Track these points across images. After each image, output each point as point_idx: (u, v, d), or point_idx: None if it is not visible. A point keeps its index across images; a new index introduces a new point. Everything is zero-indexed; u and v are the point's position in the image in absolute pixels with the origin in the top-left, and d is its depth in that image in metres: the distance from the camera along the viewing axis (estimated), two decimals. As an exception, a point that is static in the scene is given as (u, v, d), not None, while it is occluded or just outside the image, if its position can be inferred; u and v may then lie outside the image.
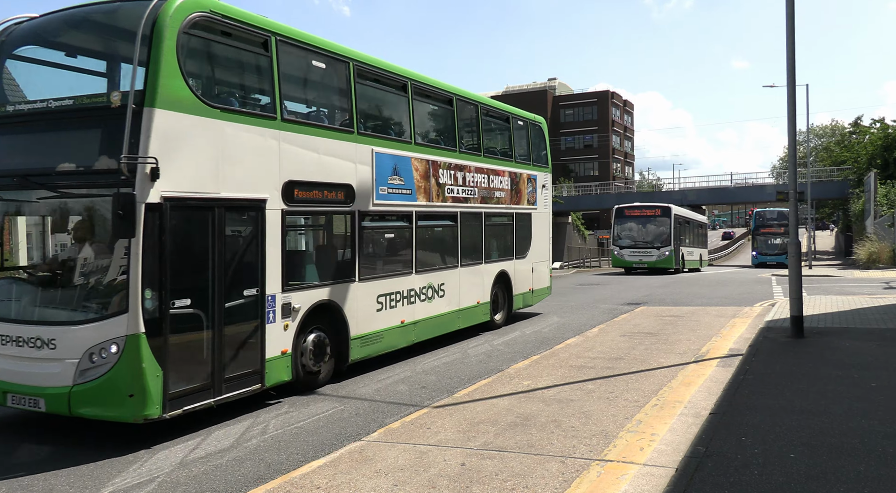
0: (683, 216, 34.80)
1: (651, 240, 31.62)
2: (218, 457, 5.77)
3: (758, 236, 44.39)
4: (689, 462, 4.96)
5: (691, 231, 37.05)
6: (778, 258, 41.04)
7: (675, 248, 31.48)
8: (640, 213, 32.64)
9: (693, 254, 36.48)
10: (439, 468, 5.27)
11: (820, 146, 78.99)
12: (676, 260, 31.71)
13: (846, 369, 7.92)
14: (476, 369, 9.10)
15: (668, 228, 31.41)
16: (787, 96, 10.60)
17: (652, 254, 31.37)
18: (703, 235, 40.79)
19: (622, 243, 32.90)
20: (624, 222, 33.15)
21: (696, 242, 38.00)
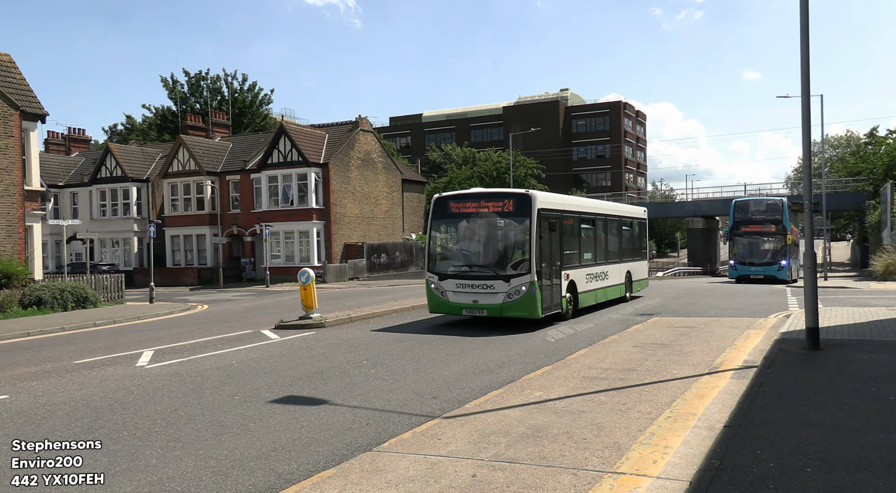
0: (558, 209, 15.45)
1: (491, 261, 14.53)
2: (228, 465, 5.76)
3: (737, 238, 32.52)
4: (704, 476, 4.89)
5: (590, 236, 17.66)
6: (767, 270, 31.25)
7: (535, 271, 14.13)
8: (476, 208, 14.60)
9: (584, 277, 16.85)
10: (450, 480, 5.23)
11: (835, 157, 78.42)
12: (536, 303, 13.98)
13: (863, 381, 7.80)
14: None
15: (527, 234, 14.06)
16: (802, 106, 10.53)
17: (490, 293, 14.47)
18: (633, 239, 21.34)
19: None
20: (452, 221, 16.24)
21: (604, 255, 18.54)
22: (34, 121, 23.25)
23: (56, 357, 12.28)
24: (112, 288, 25.02)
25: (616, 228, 19.61)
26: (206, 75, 61.69)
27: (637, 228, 21.70)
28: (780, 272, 31.29)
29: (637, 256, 21.57)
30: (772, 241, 32.02)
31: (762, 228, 32.36)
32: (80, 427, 7.17)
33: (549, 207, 14.60)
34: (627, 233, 20.81)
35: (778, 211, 32.37)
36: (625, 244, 20.35)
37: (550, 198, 15.44)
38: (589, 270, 16.95)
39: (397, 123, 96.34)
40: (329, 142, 41.85)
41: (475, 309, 14.20)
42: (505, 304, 13.82)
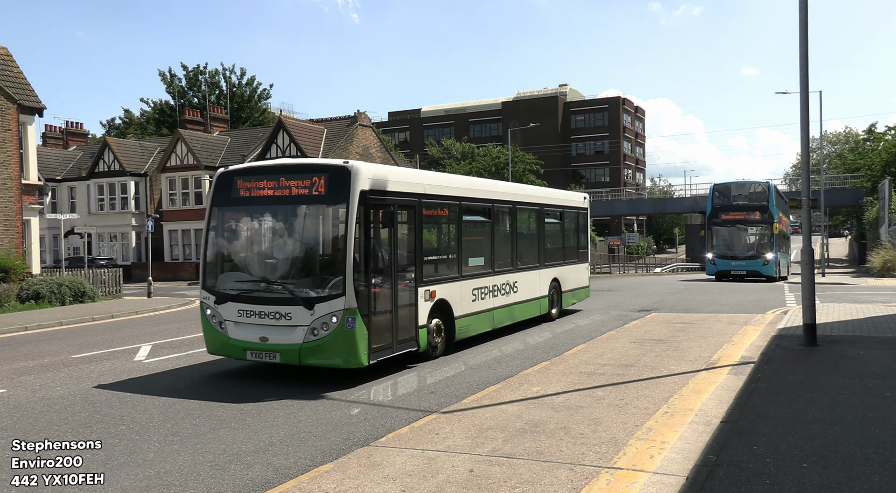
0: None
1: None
2: (226, 460, 5.77)
3: (716, 228, 28.85)
4: (700, 471, 4.90)
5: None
6: (750, 265, 27.84)
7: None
8: (273, 189, 9.44)
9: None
10: (447, 475, 5.24)
11: (833, 153, 78.48)
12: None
13: (860, 377, 7.83)
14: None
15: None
16: (801, 103, 10.53)
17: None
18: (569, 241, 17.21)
19: None
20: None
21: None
22: (31, 115, 23.18)
23: (54, 352, 12.27)
24: (110, 282, 25.00)
25: (534, 221, 14.39)
26: (205, 69, 61.54)
27: (571, 220, 16.35)
28: (764, 267, 27.75)
29: (571, 257, 16.04)
30: (756, 231, 28.35)
31: (745, 216, 28.45)
32: (78, 421, 7.17)
33: (386, 189, 9.15)
34: (554, 227, 15.53)
35: (763, 196, 28.47)
36: (550, 243, 15.05)
37: (390, 174, 9.54)
38: (478, 282, 11.59)
39: (396, 117, 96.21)
40: (327, 137, 41.79)
41: (264, 352, 8.75)
42: (306, 345, 8.44)
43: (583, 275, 16.84)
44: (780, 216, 29.63)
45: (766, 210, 28.27)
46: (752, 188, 29.54)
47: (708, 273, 29.62)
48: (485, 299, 11.80)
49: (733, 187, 29.99)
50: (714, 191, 29.78)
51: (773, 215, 28.11)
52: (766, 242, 28.06)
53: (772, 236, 27.91)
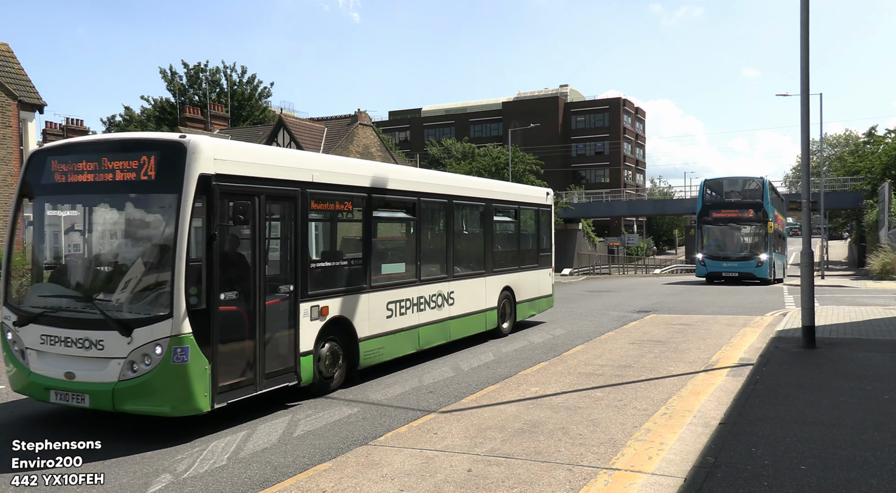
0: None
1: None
2: (224, 460, 5.77)
3: (707, 226, 27.34)
4: (698, 472, 4.91)
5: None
6: (742, 266, 26.36)
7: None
8: (93, 173, 7.04)
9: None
10: (445, 474, 5.24)
11: (833, 156, 78.52)
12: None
13: (858, 380, 7.83)
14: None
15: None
16: (801, 105, 10.53)
17: None
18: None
19: None
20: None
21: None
22: (32, 111, 23.18)
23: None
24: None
25: (478, 220, 12.09)
26: (206, 67, 61.51)
27: (530, 219, 14.12)
28: (758, 269, 26.23)
29: (529, 262, 13.70)
30: (749, 230, 26.65)
31: (738, 214, 26.78)
32: (77, 413, 7.16)
33: (246, 174, 6.98)
34: (507, 227, 13.41)
35: (757, 192, 26.89)
36: (500, 245, 12.87)
37: (254, 154, 7.36)
38: (397, 294, 9.39)
39: (396, 117, 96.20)
40: (328, 136, 41.79)
41: (70, 393, 6.51)
42: (122, 385, 6.28)
43: (544, 282, 14.46)
44: (776, 215, 28.33)
45: (759, 208, 26.61)
46: (745, 184, 27.64)
47: (698, 275, 27.72)
48: (406, 314, 9.54)
49: (725, 183, 28.06)
50: (705, 187, 27.83)
51: (767, 214, 26.60)
52: (760, 241, 26.46)
53: (766, 236, 26.35)
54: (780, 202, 29.86)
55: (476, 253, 11.97)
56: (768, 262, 26.30)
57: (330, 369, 8.05)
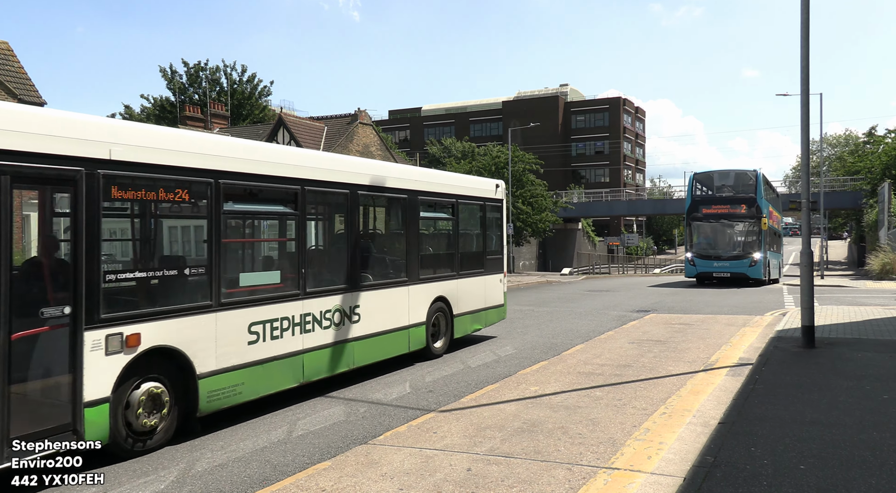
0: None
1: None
2: (223, 459, 5.77)
3: (697, 223, 25.83)
4: (698, 472, 4.91)
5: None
6: (734, 266, 24.80)
7: None
8: None
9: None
10: (445, 473, 5.24)
11: (833, 156, 78.54)
12: None
13: (858, 380, 7.83)
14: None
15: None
16: (801, 105, 10.53)
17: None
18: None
19: None
20: None
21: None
22: (32, 110, 23.16)
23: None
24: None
25: (399, 216, 10.06)
26: (206, 66, 61.50)
27: (473, 216, 11.98)
28: (751, 269, 24.61)
29: (472, 267, 11.49)
30: (742, 227, 25.01)
31: (729, 210, 25.10)
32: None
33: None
34: (441, 225, 11.29)
35: (750, 186, 25.06)
36: (432, 247, 10.87)
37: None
38: (265, 311, 7.22)
39: (396, 116, 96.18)
40: (328, 134, 41.79)
41: None
42: None
43: (493, 291, 12.14)
44: (770, 210, 26.50)
45: (753, 203, 24.85)
46: (737, 178, 25.76)
47: (687, 275, 26.05)
48: (282, 337, 7.35)
49: (716, 177, 26.22)
50: (694, 181, 25.99)
51: (761, 209, 24.90)
52: (754, 239, 24.83)
53: (760, 233, 24.74)
54: (776, 198, 28.09)
55: (395, 257, 9.84)
56: (762, 261, 24.86)
57: (142, 421, 5.84)
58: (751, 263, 24.60)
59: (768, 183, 26.88)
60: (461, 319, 11.10)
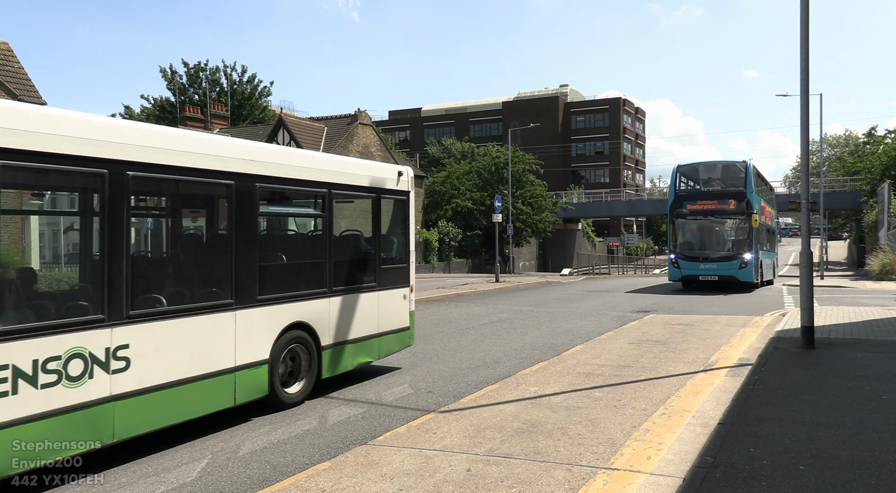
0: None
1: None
2: (223, 460, 5.78)
3: (681, 221, 23.62)
4: (697, 472, 4.92)
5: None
6: (723, 268, 22.49)
7: None
8: None
9: None
10: (444, 474, 5.25)
11: (833, 156, 78.56)
12: None
13: (857, 380, 7.84)
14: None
15: None
16: (801, 106, 10.54)
17: None
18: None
19: None
20: None
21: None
22: (32, 110, 23.17)
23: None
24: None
25: (215, 209, 7.58)
26: (206, 66, 61.49)
27: (362, 212, 9.33)
28: (741, 271, 22.26)
29: (356, 280, 8.70)
30: (731, 224, 22.87)
31: (717, 206, 22.78)
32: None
33: None
34: (299, 224, 9.23)
35: (740, 180, 22.76)
36: (287, 253, 8.05)
37: None
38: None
39: (396, 116, 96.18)
40: (328, 135, 41.80)
41: None
42: None
43: (393, 310, 9.33)
44: (763, 206, 24.29)
45: (742, 197, 22.45)
46: (725, 170, 23.44)
47: (671, 279, 23.67)
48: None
49: (702, 169, 24.05)
50: (678, 174, 23.59)
51: (752, 204, 22.44)
52: (744, 238, 22.50)
53: (751, 231, 22.34)
54: (769, 192, 26.03)
55: (211, 270, 7.09)
56: (753, 262, 22.36)
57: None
58: (741, 264, 22.21)
59: (760, 176, 24.76)
60: (335, 351, 8.19)
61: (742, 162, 23.29)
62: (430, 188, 52.74)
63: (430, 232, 48.35)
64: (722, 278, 22.36)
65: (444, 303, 19.70)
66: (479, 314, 16.51)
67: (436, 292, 22.27)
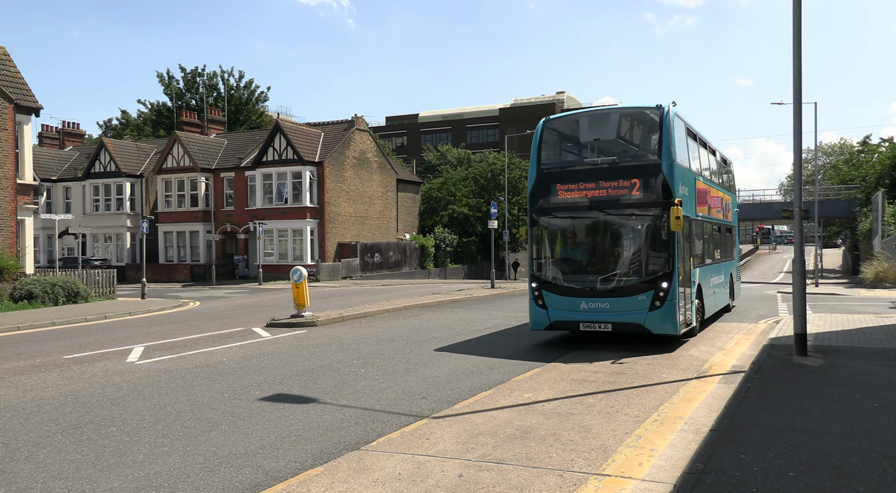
0: None
1: None
2: (216, 462, 5.78)
3: (548, 219, 12.38)
4: (688, 479, 4.94)
5: None
6: (617, 309, 11.51)
7: None
8: None
9: None
10: (437, 479, 5.26)
11: (828, 164, 78.91)
12: None
13: (849, 388, 7.88)
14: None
15: None
16: (794, 115, 10.61)
17: None
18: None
19: None
20: None
21: None
22: (28, 114, 23.18)
23: (45, 352, 12.25)
24: (104, 283, 24.94)
25: None
26: (203, 71, 61.59)
27: None
28: (654, 316, 11.46)
29: None
30: (635, 226, 11.81)
31: (608, 192, 11.98)
32: (69, 422, 7.17)
33: None
34: None
35: (650, 142, 12.22)
36: None
37: None
38: None
39: (393, 122, 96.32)
40: (324, 140, 41.84)
41: None
42: None
43: None
44: (699, 187, 13.65)
45: (655, 174, 11.72)
46: (624, 125, 12.84)
47: (533, 327, 12.47)
48: None
49: (585, 123, 13.04)
50: (543, 134, 12.84)
51: (671, 186, 11.59)
52: (658, 255, 11.69)
53: (671, 240, 11.53)
54: (719, 165, 16.39)
55: None
56: (675, 294, 11.46)
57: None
58: (654, 300, 11.43)
59: (692, 134, 13.65)
60: None
61: (656, 108, 12.06)
62: (427, 194, 52.82)
63: (426, 238, 48.38)
64: (618, 327, 11.61)
65: (440, 308, 19.71)
66: (473, 320, 16.52)
67: (430, 298, 22.28)
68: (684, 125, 13.05)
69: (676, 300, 11.47)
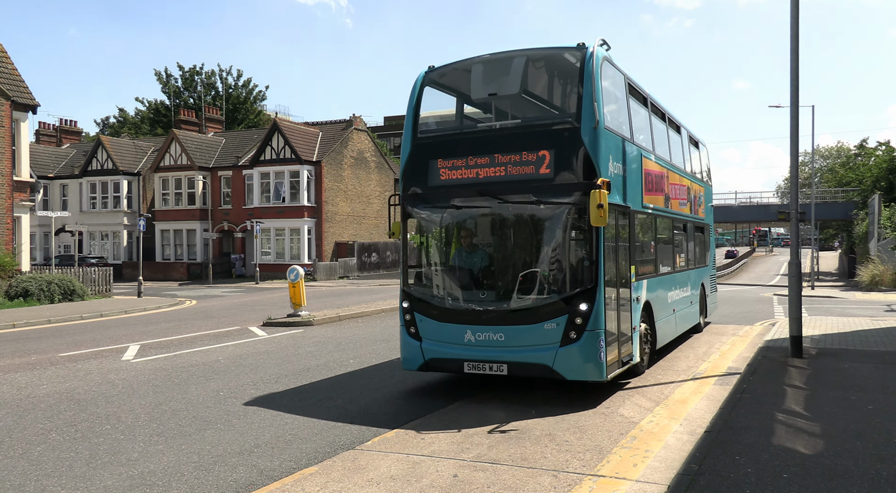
0: None
1: None
2: (210, 461, 5.77)
3: (425, 212, 8.31)
4: (682, 480, 4.94)
5: None
6: (516, 340, 7.46)
7: None
8: None
9: None
10: (431, 479, 5.26)
11: (825, 167, 79.12)
12: None
13: (844, 390, 7.90)
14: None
15: None
16: (791, 118, 10.63)
17: None
18: None
19: None
20: None
21: None
22: (25, 111, 23.13)
23: (41, 349, 12.22)
24: (100, 281, 24.90)
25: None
26: (201, 70, 61.52)
27: None
28: (568, 353, 7.34)
29: None
30: (535, 224, 7.80)
31: (507, 171, 7.79)
32: (63, 420, 7.15)
33: None
34: None
35: (570, 98, 8.21)
36: None
37: None
38: None
39: (392, 122, 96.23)
40: (322, 140, 41.81)
41: None
42: None
43: None
44: (645, 165, 9.51)
45: (567, 140, 7.65)
46: (527, 75, 8.48)
47: (405, 365, 8.38)
48: None
49: (479, 74, 8.74)
50: (423, 87, 9.32)
51: (593, 159, 7.49)
52: (574, 258, 7.67)
53: (598, 238, 7.43)
54: (683, 142, 12.78)
55: None
56: (599, 320, 7.42)
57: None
58: (568, 330, 7.47)
59: (636, 92, 9.77)
60: None
61: (577, 48, 8.12)
62: (424, 194, 52.71)
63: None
64: (515, 368, 7.68)
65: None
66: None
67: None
68: (624, 79, 9.28)
69: (602, 329, 7.48)
